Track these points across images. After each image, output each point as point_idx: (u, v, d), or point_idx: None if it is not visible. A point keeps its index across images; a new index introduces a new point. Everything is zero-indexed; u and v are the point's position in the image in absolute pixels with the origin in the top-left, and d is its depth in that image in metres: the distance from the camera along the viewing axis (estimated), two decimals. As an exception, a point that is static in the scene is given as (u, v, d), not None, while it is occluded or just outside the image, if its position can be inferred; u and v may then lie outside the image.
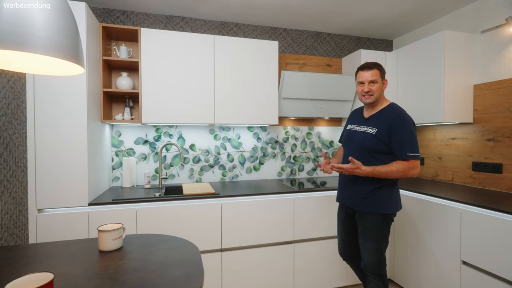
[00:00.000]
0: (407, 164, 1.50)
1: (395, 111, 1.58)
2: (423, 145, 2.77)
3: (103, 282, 0.83)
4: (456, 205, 1.84)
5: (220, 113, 2.29)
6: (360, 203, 1.62)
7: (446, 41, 2.21)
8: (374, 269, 1.63)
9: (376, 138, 1.56)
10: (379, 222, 1.59)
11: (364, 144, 1.60)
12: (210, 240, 1.98)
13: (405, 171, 1.50)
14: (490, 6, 2.18)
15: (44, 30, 0.72)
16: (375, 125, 1.59)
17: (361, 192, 1.62)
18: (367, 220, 1.61)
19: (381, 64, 2.70)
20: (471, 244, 1.73)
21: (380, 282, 1.64)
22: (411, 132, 1.53)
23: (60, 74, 0.92)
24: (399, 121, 1.53)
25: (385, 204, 1.59)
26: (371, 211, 1.59)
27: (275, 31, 2.79)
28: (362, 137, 1.62)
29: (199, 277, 0.85)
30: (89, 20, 1.84)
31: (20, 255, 1.03)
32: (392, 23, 2.71)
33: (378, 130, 1.56)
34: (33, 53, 0.71)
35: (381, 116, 1.60)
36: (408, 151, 1.50)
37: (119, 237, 1.09)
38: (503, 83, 2.08)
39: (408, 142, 1.50)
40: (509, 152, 2.05)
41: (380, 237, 1.61)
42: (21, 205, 1.64)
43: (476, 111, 2.28)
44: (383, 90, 1.64)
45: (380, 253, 1.62)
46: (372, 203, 1.59)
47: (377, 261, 1.62)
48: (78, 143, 1.78)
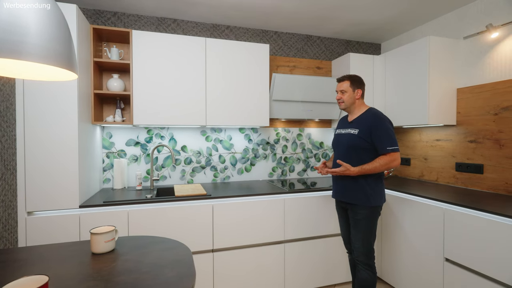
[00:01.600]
0: (388, 158, 1.72)
1: (373, 113, 1.82)
2: (410, 146, 2.85)
3: (96, 283, 0.84)
4: (439, 204, 1.91)
5: (212, 114, 2.32)
6: (353, 197, 1.81)
7: (431, 46, 2.29)
8: (365, 259, 1.81)
9: (359, 137, 1.78)
10: (369, 214, 1.78)
11: (349, 144, 1.82)
12: (202, 241, 2.00)
13: (387, 164, 1.72)
14: (472, 13, 2.27)
15: (39, 38, 0.74)
16: (357, 127, 1.82)
17: (353, 187, 1.80)
18: (358, 213, 1.80)
19: (370, 67, 2.78)
20: (454, 242, 1.80)
21: (370, 271, 1.82)
22: (388, 129, 1.74)
23: (53, 79, 0.93)
24: (377, 121, 1.76)
25: (373, 197, 1.78)
26: (362, 204, 1.77)
27: (266, 33, 2.82)
28: (347, 138, 1.85)
29: (191, 277, 0.88)
30: (80, 22, 1.84)
31: (12, 258, 1.03)
32: (380, 27, 2.79)
33: (360, 131, 1.79)
34: (29, 61, 0.72)
35: (362, 119, 1.83)
36: (388, 145, 1.71)
37: (112, 239, 1.10)
38: (484, 87, 2.17)
39: (387, 138, 1.72)
40: (489, 153, 2.14)
41: (369, 228, 1.80)
42: (10, 208, 1.63)
43: (459, 113, 2.36)
44: (358, 98, 1.87)
45: (369, 244, 1.81)
46: (362, 196, 1.78)
47: (366, 251, 1.81)
48: (69, 145, 1.78)
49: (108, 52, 2.23)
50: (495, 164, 2.10)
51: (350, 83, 1.86)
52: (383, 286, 2.39)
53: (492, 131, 2.12)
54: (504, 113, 2.04)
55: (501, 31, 2.05)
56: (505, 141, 2.04)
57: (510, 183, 2.01)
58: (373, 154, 1.76)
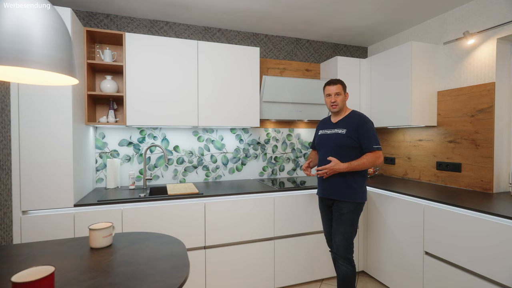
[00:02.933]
0: (374, 155, 1.86)
1: (358, 115, 1.96)
2: (394, 146, 2.98)
3: (97, 274, 0.91)
4: (420, 201, 2.03)
5: (204, 115, 2.38)
6: (339, 193, 1.90)
7: (413, 51, 2.41)
8: (344, 252, 1.90)
9: (346, 137, 1.90)
10: (353, 209, 1.89)
11: (337, 143, 1.93)
12: (194, 238, 2.07)
13: (374, 161, 1.86)
14: (451, 20, 2.40)
15: (42, 47, 0.80)
16: (344, 127, 1.94)
17: (339, 183, 1.91)
18: (343, 207, 1.90)
19: (357, 69, 2.89)
20: (433, 236, 1.92)
21: (349, 265, 1.91)
22: (372, 129, 1.91)
23: (55, 84, 0.99)
24: (363, 122, 1.91)
25: (359, 193, 1.90)
26: (348, 199, 1.88)
27: (256, 36, 2.90)
28: (335, 137, 1.95)
29: (185, 267, 0.96)
30: (74, 25, 1.88)
31: (14, 253, 1.08)
32: (366, 32, 2.90)
33: (347, 130, 1.91)
34: (33, 68, 0.78)
35: (347, 120, 1.96)
36: (374, 144, 1.87)
37: (109, 235, 1.17)
38: (462, 90, 2.30)
39: (372, 137, 1.88)
40: (467, 153, 2.27)
41: (351, 223, 1.90)
42: (6, 207, 1.67)
43: (440, 115, 2.49)
44: (345, 101, 2.00)
45: (350, 238, 1.91)
46: (349, 193, 1.89)
47: (345, 245, 1.90)
48: (63, 146, 1.82)
49: (101, 54, 2.27)
50: (471, 163, 2.24)
51: (343, 87, 1.98)
52: (367, 279, 2.50)
53: (469, 132, 2.25)
54: (480, 115, 2.18)
55: (477, 38, 2.18)
56: (481, 142, 2.17)
57: (485, 181, 2.14)
58: (359, 152, 1.90)
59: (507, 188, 2.15)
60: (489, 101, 2.11)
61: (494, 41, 2.08)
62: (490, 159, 2.10)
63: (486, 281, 1.61)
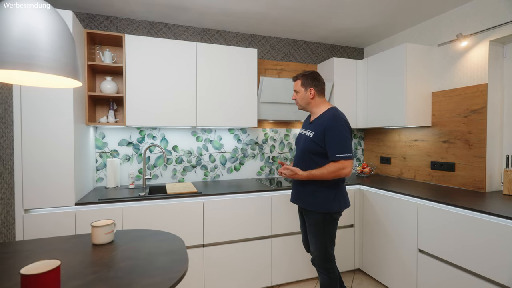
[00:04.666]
0: (337, 165, 1.60)
1: (330, 114, 1.68)
2: (390, 146, 3.02)
3: (100, 268, 0.95)
4: (414, 200, 2.07)
5: (202, 116, 2.42)
6: (304, 202, 1.76)
7: (408, 52, 2.45)
8: (319, 262, 1.76)
9: (312, 141, 1.69)
10: (320, 220, 1.71)
11: (304, 147, 1.75)
12: (193, 236, 2.11)
13: (335, 172, 1.60)
14: (446, 22, 2.45)
15: (48, 52, 0.84)
16: (313, 129, 1.72)
17: (305, 192, 1.75)
18: (310, 218, 1.75)
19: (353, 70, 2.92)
20: (426, 234, 1.96)
21: (326, 275, 1.76)
22: (340, 134, 1.61)
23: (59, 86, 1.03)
24: (330, 124, 1.63)
25: (326, 203, 1.69)
26: (312, 209, 1.71)
27: (254, 38, 2.94)
28: (303, 140, 1.77)
29: (184, 262, 1.00)
30: (75, 27, 1.92)
31: (18, 249, 1.12)
32: (362, 34, 2.95)
33: (314, 134, 1.69)
34: (40, 72, 0.82)
35: (319, 120, 1.73)
36: (337, 152, 1.60)
37: (111, 232, 1.21)
38: (455, 91, 2.35)
39: (337, 144, 1.60)
40: (460, 153, 2.32)
41: (321, 233, 1.72)
42: (8, 206, 1.70)
43: (434, 116, 2.54)
44: (312, 98, 1.76)
45: (323, 248, 1.73)
46: (314, 202, 1.71)
47: (320, 255, 1.75)
48: (65, 146, 1.85)
49: (101, 55, 2.31)
50: (465, 163, 2.28)
51: (301, 82, 1.76)
52: (363, 277, 2.55)
53: (463, 132, 2.30)
54: (473, 116, 2.22)
55: (470, 40, 2.23)
56: (474, 142, 2.22)
57: (478, 180, 2.19)
58: (326, 160, 1.66)
59: (499, 187, 2.20)
60: (482, 102, 2.16)
61: (487, 43, 2.13)
62: (483, 159, 2.15)
63: (478, 278, 1.66)
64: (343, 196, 1.76)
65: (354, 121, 2.99)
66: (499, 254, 1.54)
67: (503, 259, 1.52)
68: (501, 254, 1.53)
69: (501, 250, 1.53)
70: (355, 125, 3.00)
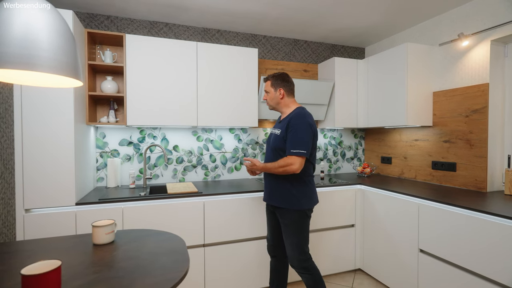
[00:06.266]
0: (287, 160, 1.64)
1: (293, 114, 1.74)
2: (391, 146, 3.02)
3: (101, 268, 0.95)
4: (415, 199, 2.07)
5: (203, 115, 2.42)
6: (278, 200, 1.76)
7: (409, 52, 2.45)
8: (298, 264, 1.75)
9: (280, 138, 1.74)
10: (296, 218, 1.73)
11: (273, 145, 1.80)
12: (193, 236, 2.11)
13: (283, 166, 1.64)
14: (447, 22, 2.44)
15: (49, 51, 0.83)
16: (280, 127, 1.78)
17: (278, 190, 1.76)
18: (285, 217, 1.75)
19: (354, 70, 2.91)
20: (427, 234, 1.96)
21: (307, 274, 1.76)
22: (299, 131, 1.65)
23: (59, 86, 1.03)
24: (294, 122, 1.68)
25: (300, 200, 1.72)
26: (288, 207, 1.72)
27: (255, 37, 2.94)
28: (273, 138, 1.82)
29: (185, 262, 0.99)
30: (75, 27, 1.92)
31: (20, 249, 1.12)
32: (363, 33, 2.94)
33: (281, 131, 1.75)
34: (40, 72, 0.82)
35: (286, 118, 1.77)
36: (292, 148, 1.64)
37: (112, 232, 1.20)
38: (456, 91, 2.34)
39: (294, 141, 1.64)
40: (461, 153, 2.31)
41: (298, 232, 1.74)
42: (9, 206, 1.70)
43: (435, 115, 2.54)
44: (282, 98, 1.81)
45: (300, 248, 1.74)
46: (288, 200, 1.72)
47: (297, 256, 1.74)
48: (65, 146, 1.85)
49: (102, 55, 2.30)
50: (466, 163, 2.28)
51: (271, 83, 1.81)
52: (364, 277, 2.55)
53: (464, 132, 2.29)
54: (474, 116, 2.22)
55: (471, 40, 2.23)
56: (475, 141, 2.21)
57: (479, 180, 2.18)
58: None
59: (501, 187, 2.19)
60: (483, 102, 2.15)
61: (488, 43, 2.13)
62: (484, 159, 2.15)
63: (479, 278, 1.65)
64: (314, 193, 1.81)
65: (355, 121, 2.99)
66: (501, 254, 1.54)
67: (505, 259, 1.52)
68: (502, 254, 1.53)
69: (502, 250, 1.53)
70: (356, 125, 2.99)
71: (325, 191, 2.48)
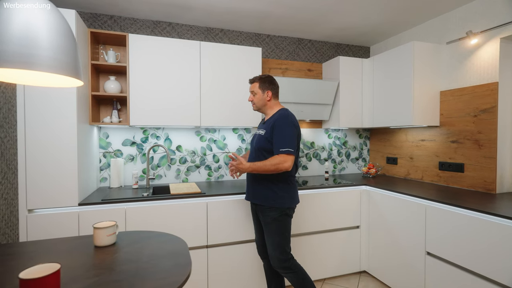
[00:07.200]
0: (278, 158, 1.65)
1: (279, 114, 1.78)
2: (397, 146, 2.97)
3: (102, 271, 0.93)
4: (422, 201, 2.03)
5: (206, 115, 2.40)
6: (259, 197, 1.79)
7: (415, 51, 2.40)
8: (279, 264, 1.76)
9: (265, 139, 1.77)
10: (277, 216, 1.74)
11: (257, 145, 1.82)
12: (196, 237, 2.09)
13: (276, 165, 1.64)
14: (454, 20, 2.39)
15: (49, 50, 0.82)
16: (265, 128, 1.81)
17: (261, 188, 1.78)
18: (267, 215, 1.76)
19: (359, 69, 2.87)
20: (435, 237, 1.92)
21: (291, 273, 1.76)
22: (285, 131, 1.69)
23: (60, 86, 1.01)
24: (279, 121, 1.73)
25: (283, 199, 1.75)
26: (270, 205, 1.74)
27: (259, 37, 2.92)
28: (257, 139, 1.85)
29: (187, 265, 0.97)
30: (78, 27, 1.91)
31: (21, 251, 1.11)
32: (368, 32, 2.90)
33: (266, 132, 1.78)
34: (40, 71, 0.80)
35: (271, 119, 1.81)
36: (280, 147, 1.66)
37: (113, 234, 1.19)
38: (464, 90, 2.29)
39: (281, 139, 1.68)
40: (469, 153, 2.27)
41: (280, 231, 1.75)
42: (12, 206, 1.70)
43: (442, 115, 2.49)
44: (269, 100, 1.84)
45: (281, 248, 1.75)
46: (271, 198, 1.74)
47: (278, 255, 1.75)
48: (68, 146, 1.84)
49: (105, 54, 2.30)
50: (474, 163, 2.23)
51: (259, 85, 1.83)
52: (369, 279, 2.51)
53: (472, 132, 2.25)
54: (483, 115, 2.17)
55: (480, 38, 2.18)
56: (484, 142, 2.16)
57: (488, 181, 2.13)
58: None
59: (510, 189, 2.14)
60: (492, 101, 2.10)
61: (498, 41, 2.08)
62: (493, 160, 2.10)
63: (488, 282, 1.61)
64: (296, 193, 1.84)
65: (360, 121, 2.95)
66: (510, 258, 1.49)
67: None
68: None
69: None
70: (361, 124, 2.95)
71: (329, 192, 2.44)
